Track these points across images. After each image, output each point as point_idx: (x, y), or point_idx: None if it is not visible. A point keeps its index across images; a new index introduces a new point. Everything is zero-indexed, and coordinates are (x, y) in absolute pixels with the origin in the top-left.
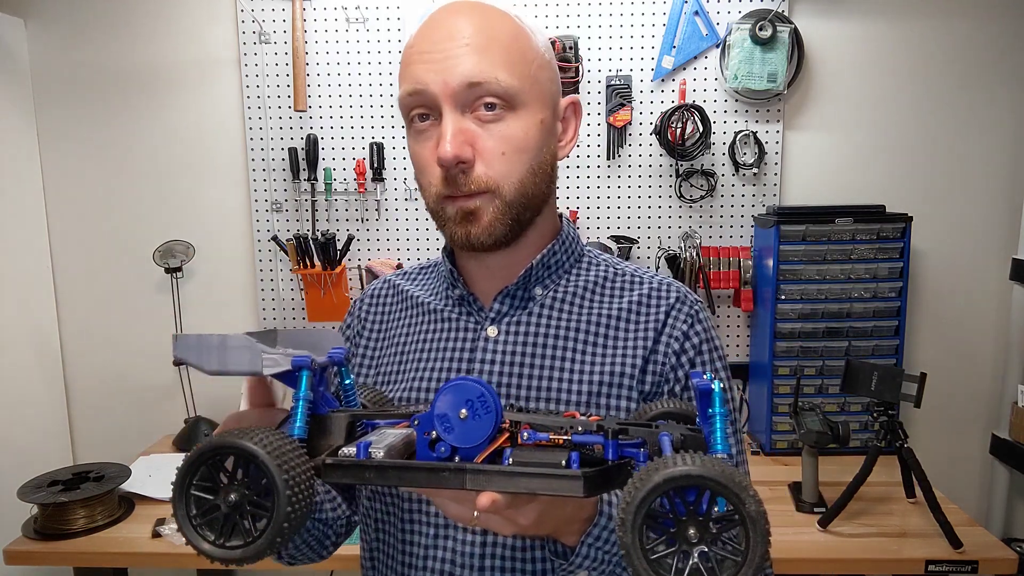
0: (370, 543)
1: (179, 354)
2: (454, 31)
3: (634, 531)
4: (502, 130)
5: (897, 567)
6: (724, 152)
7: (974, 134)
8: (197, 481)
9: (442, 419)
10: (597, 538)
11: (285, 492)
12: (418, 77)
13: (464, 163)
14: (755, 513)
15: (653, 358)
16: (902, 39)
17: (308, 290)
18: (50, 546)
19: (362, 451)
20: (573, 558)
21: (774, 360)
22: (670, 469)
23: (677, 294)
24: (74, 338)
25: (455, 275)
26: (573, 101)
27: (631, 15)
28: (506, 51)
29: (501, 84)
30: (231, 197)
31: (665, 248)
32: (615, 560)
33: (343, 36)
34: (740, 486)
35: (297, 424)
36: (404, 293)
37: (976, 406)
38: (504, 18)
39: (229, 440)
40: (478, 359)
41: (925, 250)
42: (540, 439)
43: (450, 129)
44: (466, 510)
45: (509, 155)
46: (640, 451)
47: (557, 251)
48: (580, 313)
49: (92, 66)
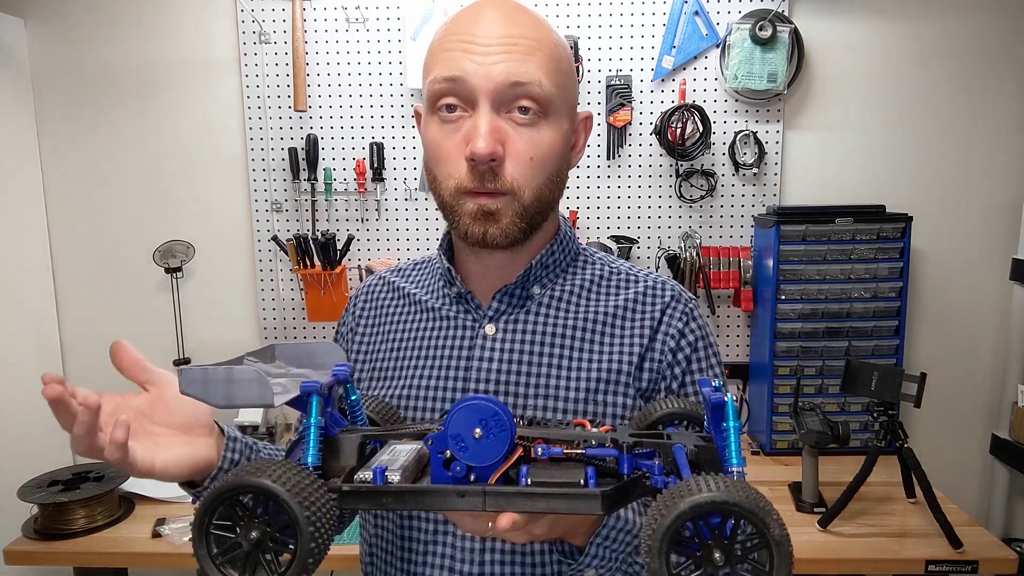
0: (369, 540)
1: (184, 389)
2: (501, 27)
3: (661, 557)
4: (533, 135)
5: (897, 567)
6: (724, 152)
7: (974, 134)
8: (216, 520)
9: (456, 439)
10: (605, 538)
11: (308, 529)
12: (458, 64)
13: (495, 161)
14: (779, 536)
15: (649, 355)
16: (902, 39)
17: (308, 290)
18: (50, 546)
19: (379, 476)
20: (582, 558)
21: (774, 360)
22: (695, 496)
23: (672, 292)
24: (74, 338)
25: (452, 273)
26: (587, 115)
27: (631, 15)
28: (548, 58)
29: (542, 88)
30: (231, 197)
31: (665, 248)
32: (621, 558)
33: (343, 36)
34: (764, 511)
35: (311, 452)
36: (400, 290)
37: (976, 406)
38: (546, 24)
39: (247, 479)
40: (476, 356)
41: (925, 250)
42: (554, 454)
43: (487, 125)
44: (481, 524)
45: (536, 160)
46: (655, 463)
47: (555, 251)
48: (577, 311)
49: (92, 66)
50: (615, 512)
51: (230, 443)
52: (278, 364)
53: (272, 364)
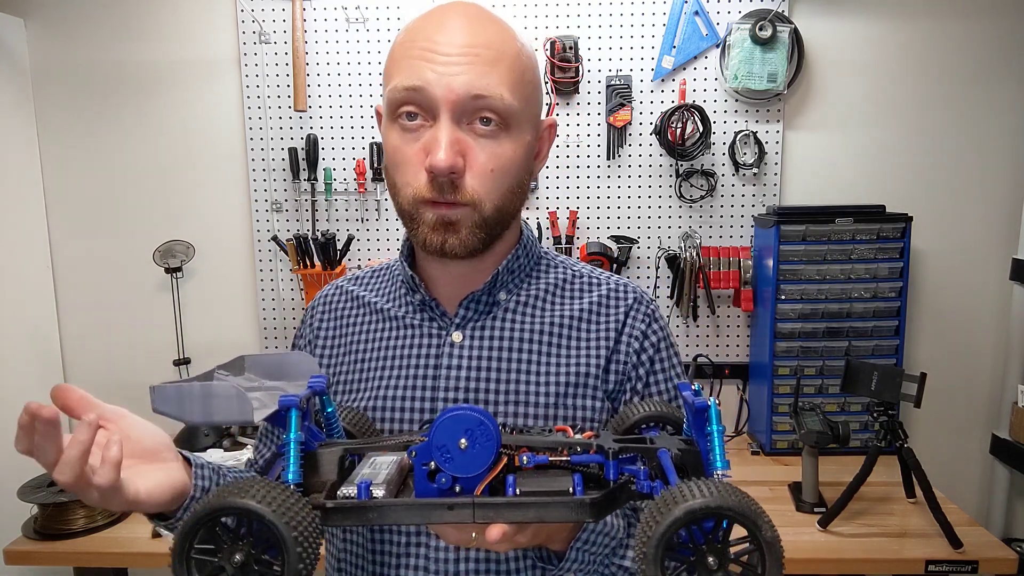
0: (337, 554)
1: (158, 407)
2: (464, 36)
3: (656, 564)
4: (494, 148)
5: (897, 567)
6: (724, 152)
7: (974, 134)
8: (198, 544)
9: (441, 450)
10: (585, 542)
11: (296, 550)
12: (420, 74)
13: (455, 173)
14: (771, 538)
15: (615, 357)
16: (902, 39)
17: (308, 290)
18: (50, 546)
19: (363, 492)
20: (562, 563)
21: (774, 360)
22: (690, 503)
23: (635, 295)
24: (74, 338)
25: (416, 280)
26: (551, 123)
27: (631, 15)
28: (511, 70)
29: (504, 102)
30: (231, 197)
31: (665, 248)
32: (598, 559)
33: (343, 36)
34: (756, 513)
35: (292, 469)
36: (359, 299)
37: (976, 406)
38: (511, 34)
39: (230, 501)
40: (444, 364)
41: (925, 250)
42: (540, 462)
43: (447, 137)
44: (465, 535)
45: (497, 173)
46: (640, 468)
47: (520, 256)
48: (543, 316)
49: (92, 66)
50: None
51: (198, 471)
52: (249, 377)
53: (243, 377)
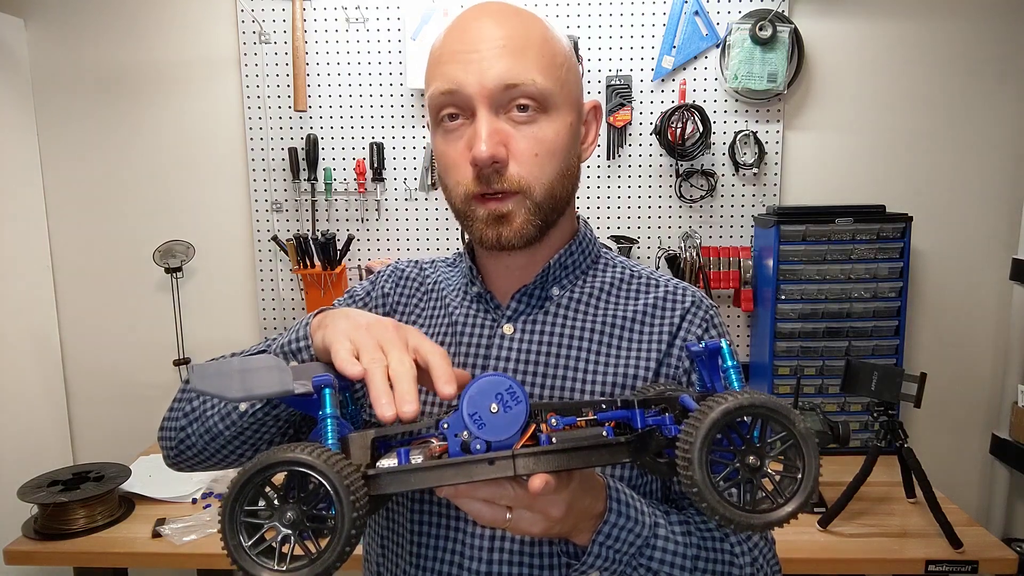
0: (381, 533)
1: (197, 385)
2: (488, 32)
3: (702, 466)
4: (535, 132)
5: (897, 567)
6: (724, 152)
7: (974, 134)
8: (247, 506)
9: (473, 417)
10: (608, 536)
11: (349, 499)
12: (452, 76)
13: (498, 163)
14: (804, 431)
15: (667, 361)
16: (902, 39)
17: (308, 290)
18: (50, 546)
19: (403, 457)
20: (585, 557)
21: (774, 360)
22: (724, 404)
23: (692, 298)
24: (74, 338)
25: (474, 272)
26: (595, 105)
27: (631, 15)
28: (539, 54)
29: (537, 86)
30: (231, 197)
31: (665, 248)
32: (625, 560)
33: (343, 36)
34: (787, 408)
35: (329, 440)
36: (428, 283)
37: (976, 406)
38: (535, 21)
39: (281, 456)
40: (494, 355)
41: (925, 250)
42: (568, 423)
43: (486, 129)
44: (499, 512)
45: (541, 156)
46: (664, 416)
47: (574, 251)
48: (596, 314)
49: (92, 66)
50: (623, 501)
51: None
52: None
53: None
